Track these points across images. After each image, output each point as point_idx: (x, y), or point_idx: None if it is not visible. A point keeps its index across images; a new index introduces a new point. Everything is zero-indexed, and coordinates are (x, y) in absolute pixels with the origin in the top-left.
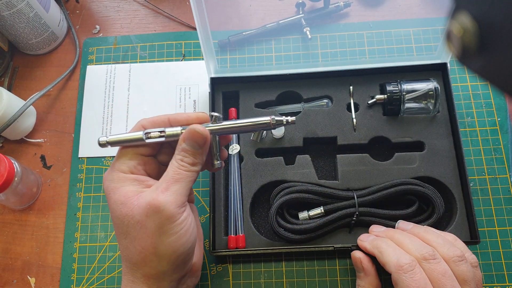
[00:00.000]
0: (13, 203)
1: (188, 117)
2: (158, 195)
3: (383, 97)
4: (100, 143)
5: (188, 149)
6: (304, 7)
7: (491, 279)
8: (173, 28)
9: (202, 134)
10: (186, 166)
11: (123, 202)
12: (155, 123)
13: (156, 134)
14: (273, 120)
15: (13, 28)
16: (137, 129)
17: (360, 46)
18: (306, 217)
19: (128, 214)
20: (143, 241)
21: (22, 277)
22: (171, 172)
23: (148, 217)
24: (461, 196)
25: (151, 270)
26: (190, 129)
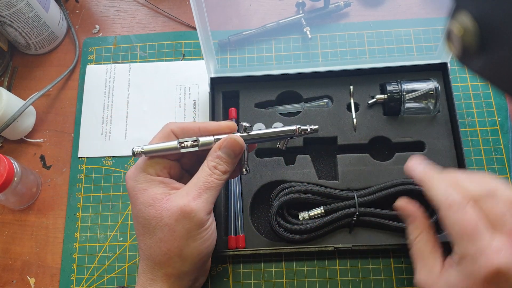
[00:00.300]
0: (13, 203)
1: (219, 126)
2: (190, 201)
3: (383, 97)
4: (135, 153)
5: (224, 157)
6: (304, 7)
7: None
8: (173, 28)
9: (241, 143)
10: (218, 174)
11: (152, 204)
12: (185, 130)
13: (189, 144)
14: (299, 129)
15: (13, 28)
16: (166, 134)
17: (360, 46)
18: (306, 217)
19: (156, 216)
20: (169, 243)
21: (22, 277)
22: (203, 179)
23: (177, 221)
24: None
25: (174, 270)
26: (229, 138)
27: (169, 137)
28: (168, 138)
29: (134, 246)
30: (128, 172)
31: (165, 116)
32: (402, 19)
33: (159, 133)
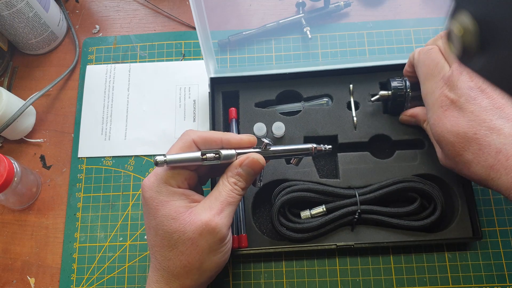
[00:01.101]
0: (13, 203)
1: (241, 140)
2: (214, 216)
3: (387, 93)
4: (158, 162)
5: (244, 174)
6: (304, 7)
7: (492, 279)
8: (173, 27)
9: (262, 163)
10: (238, 190)
11: (175, 217)
12: (207, 141)
13: (212, 156)
14: (314, 148)
15: (13, 28)
16: (187, 144)
17: (360, 46)
18: (308, 216)
19: (179, 229)
20: (191, 257)
21: (22, 277)
22: (224, 194)
23: (201, 236)
24: (463, 192)
25: (192, 282)
26: (252, 157)
27: (191, 147)
28: (190, 148)
29: (134, 246)
30: (146, 181)
31: (165, 116)
32: (402, 19)
33: (179, 141)
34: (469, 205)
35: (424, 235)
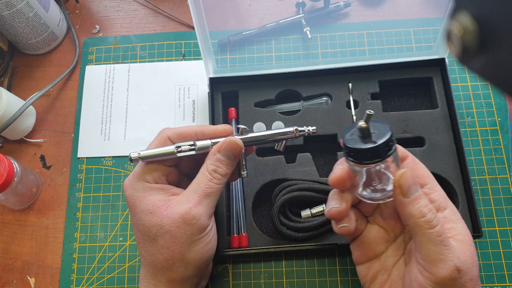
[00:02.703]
0: (13, 203)
1: (215, 130)
2: (191, 208)
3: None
4: (132, 158)
5: (223, 159)
6: (304, 7)
7: (492, 279)
8: (173, 28)
9: (239, 144)
10: (218, 178)
11: (152, 211)
12: (182, 136)
13: (186, 148)
14: (296, 130)
15: (13, 28)
16: (162, 141)
17: (360, 46)
18: (308, 215)
19: (157, 223)
20: (171, 250)
21: (22, 277)
22: (203, 184)
23: (179, 228)
24: (463, 190)
25: (177, 275)
26: (228, 139)
27: (166, 143)
28: (165, 145)
29: (134, 246)
30: (126, 180)
31: (165, 116)
32: (401, 19)
33: (155, 139)
34: (469, 203)
35: None
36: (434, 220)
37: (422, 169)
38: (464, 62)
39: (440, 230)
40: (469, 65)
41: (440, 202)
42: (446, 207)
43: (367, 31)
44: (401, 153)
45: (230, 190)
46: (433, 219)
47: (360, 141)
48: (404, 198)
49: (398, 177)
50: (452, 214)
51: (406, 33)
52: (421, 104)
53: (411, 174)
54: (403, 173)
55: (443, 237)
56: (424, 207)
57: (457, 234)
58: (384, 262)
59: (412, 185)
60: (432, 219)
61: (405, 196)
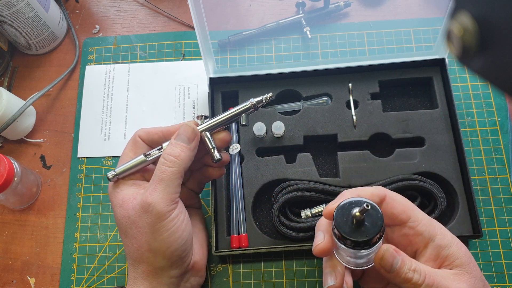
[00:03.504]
0: (13, 203)
1: (179, 127)
2: (147, 196)
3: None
4: (109, 178)
5: (177, 143)
6: (304, 7)
7: (491, 279)
8: (173, 28)
9: (193, 128)
10: (171, 160)
11: (121, 204)
12: (149, 135)
13: (155, 152)
14: (253, 102)
15: (13, 28)
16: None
17: (360, 46)
18: (308, 215)
19: (125, 215)
20: (138, 239)
21: (22, 277)
22: (157, 171)
23: (140, 217)
24: (463, 190)
25: (149, 266)
26: (182, 124)
27: (136, 143)
28: (136, 145)
29: None
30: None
31: (165, 116)
32: (402, 19)
33: (130, 140)
34: (469, 203)
35: None
36: (421, 278)
37: (402, 204)
38: (464, 62)
39: (429, 281)
40: (469, 65)
41: (428, 232)
42: (436, 234)
43: (367, 31)
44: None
45: (230, 190)
46: (418, 279)
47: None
48: (389, 274)
49: (378, 260)
50: (443, 238)
51: (406, 33)
52: (421, 104)
53: (389, 254)
54: (383, 255)
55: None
56: (408, 273)
57: (454, 260)
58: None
59: (393, 261)
60: (417, 279)
61: (389, 273)
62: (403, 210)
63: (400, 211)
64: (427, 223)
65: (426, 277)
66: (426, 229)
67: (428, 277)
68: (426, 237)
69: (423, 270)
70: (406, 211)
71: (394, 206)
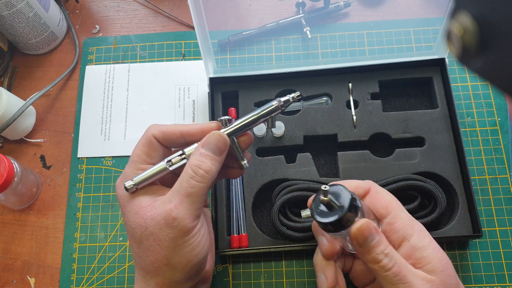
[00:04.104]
0: (13, 203)
1: (202, 129)
2: (172, 210)
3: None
4: (128, 188)
5: (208, 153)
6: (304, 7)
7: (492, 279)
8: (173, 28)
9: (224, 138)
10: (201, 175)
11: (137, 212)
12: (167, 135)
13: (177, 159)
14: (280, 102)
15: (13, 28)
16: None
17: (360, 46)
18: (308, 215)
19: (141, 224)
20: (156, 253)
21: (22, 277)
22: (185, 183)
23: (161, 230)
24: (463, 190)
25: (164, 279)
26: (212, 133)
27: (151, 144)
28: (150, 146)
29: None
30: (117, 180)
31: (165, 116)
32: (402, 19)
33: (141, 138)
34: (469, 203)
35: None
36: (390, 264)
37: (385, 198)
38: (464, 62)
39: (397, 270)
40: (469, 65)
41: (404, 231)
42: (412, 234)
43: (367, 31)
44: (363, 189)
45: (230, 190)
46: (387, 263)
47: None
48: (361, 248)
49: (353, 232)
50: (419, 240)
51: (406, 33)
52: (421, 104)
53: (367, 226)
54: (358, 228)
55: (401, 276)
56: (380, 254)
57: (426, 264)
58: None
59: (368, 236)
60: (386, 263)
61: (361, 247)
62: (385, 205)
63: (381, 205)
64: (406, 222)
65: (395, 266)
66: (403, 228)
67: (398, 266)
68: (401, 235)
69: (396, 258)
70: (387, 207)
71: (376, 199)
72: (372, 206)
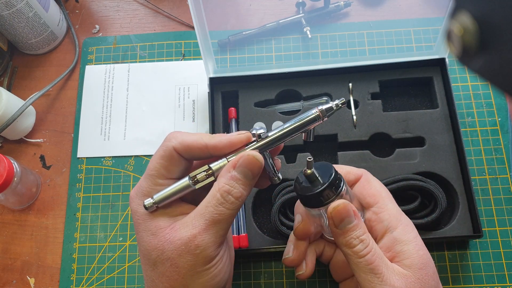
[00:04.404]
0: (13, 203)
1: (230, 141)
2: (196, 236)
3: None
4: (147, 207)
5: (240, 178)
6: (304, 7)
7: (492, 279)
8: (173, 27)
9: (260, 160)
10: (231, 202)
11: (154, 233)
12: (190, 149)
13: (203, 176)
14: (321, 110)
15: (13, 28)
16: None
17: (360, 46)
18: None
19: (158, 247)
20: (172, 279)
21: (22, 277)
22: (212, 209)
23: (181, 256)
24: (463, 190)
25: None
26: (247, 154)
27: (171, 157)
28: (170, 160)
29: (134, 246)
30: (132, 192)
31: (164, 116)
32: (402, 19)
33: (160, 150)
34: (469, 203)
35: (425, 233)
36: (364, 250)
37: (375, 188)
38: (464, 62)
39: (370, 258)
40: (469, 65)
41: (389, 222)
42: (397, 226)
43: (367, 31)
44: (354, 175)
45: None
46: (362, 249)
47: (311, 187)
48: (336, 229)
49: (330, 210)
50: (403, 234)
51: (406, 33)
52: (421, 104)
53: (345, 207)
54: (336, 207)
55: (374, 265)
56: (355, 239)
57: (405, 259)
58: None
59: (346, 218)
60: (360, 249)
61: (336, 227)
62: (373, 194)
63: (370, 194)
64: (392, 214)
65: (369, 254)
66: (388, 219)
67: (372, 255)
68: (385, 226)
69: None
70: (376, 196)
71: (366, 188)
72: (360, 194)
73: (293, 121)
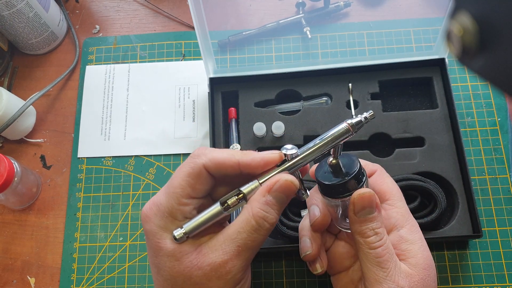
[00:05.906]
0: (13, 203)
1: (264, 162)
2: (227, 262)
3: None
4: (178, 238)
5: (275, 203)
6: (304, 7)
7: (492, 279)
8: (173, 28)
9: (296, 185)
10: (266, 229)
11: (179, 258)
12: (220, 167)
13: (234, 201)
14: (351, 124)
15: (13, 28)
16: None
17: (360, 46)
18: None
19: (183, 273)
20: None
21: (22, 277)
22: (245, 235)
23: (210, 281)
24: (463, 190)
25: None
26: (284, 180)
27: (200, 176)
28: (199, 179)
29: (134, 246)
30: (147, 210)
31: (164, 116)
32: (402, 19)
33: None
34: (469, 203)
35: (424, 233)
36: (377, 243)
37: (387, 184)
38: (464, 62)
39: (381, 252)
40: (469, 65)
41: (397, 220)
42: (404, 225)
43: (367, 31)
44: (369, 170)
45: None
46: (374, 241)
47: (333, 177)
48: (354, 215)
49: (355, 196)
50: (409, 233)
51: (406, 33)
52: (421, 104)
53: (370, 196)
54: (362, 194)
55: (383, 259)
56: (370, 230)
57: (410, 257)
58: (351, 275)
59: (368, 207)
60: (373, 241)
61: (355, 214)
62: (385, 191)
63: (382, 190)
64: (401, 212)
65: (380, 248)
66: (396, 216)
67: (382, 249)
68: (392, 223)
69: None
70: (387, 193)
71: (378, 183)
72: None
73: (322, 138)
